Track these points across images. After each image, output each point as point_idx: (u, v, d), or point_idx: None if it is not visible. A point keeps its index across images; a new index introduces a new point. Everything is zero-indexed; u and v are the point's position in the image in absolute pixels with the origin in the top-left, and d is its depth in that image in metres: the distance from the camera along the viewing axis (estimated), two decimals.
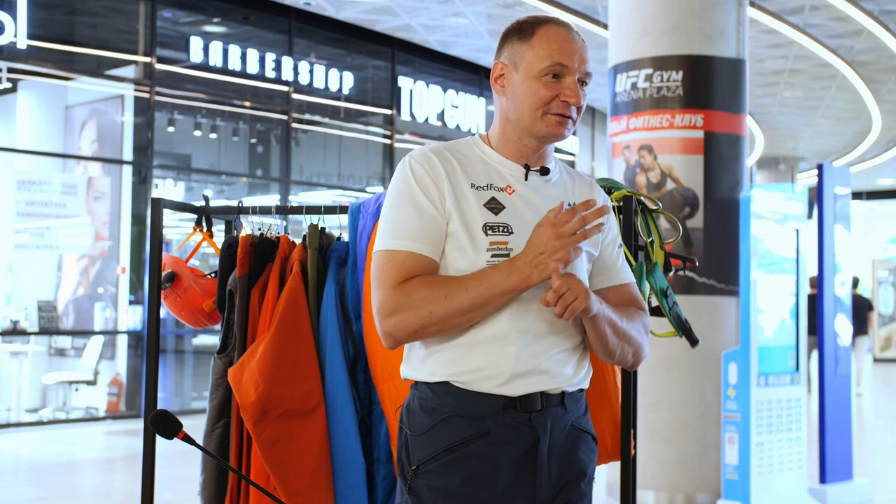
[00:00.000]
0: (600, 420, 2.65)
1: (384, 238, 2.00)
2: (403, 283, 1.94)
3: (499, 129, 2.08)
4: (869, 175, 22.53)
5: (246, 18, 11.51)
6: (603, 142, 16.29)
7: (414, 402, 2.03)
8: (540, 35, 2.02)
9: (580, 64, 2.01)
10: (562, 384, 2.01)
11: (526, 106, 2.01)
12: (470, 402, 1.96)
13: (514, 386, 1.95)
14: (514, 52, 2.04)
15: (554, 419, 2.00)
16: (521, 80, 2.01)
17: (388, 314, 1.95)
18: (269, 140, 12.09)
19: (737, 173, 6.14)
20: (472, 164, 2.05)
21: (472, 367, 1.96)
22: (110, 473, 7.81)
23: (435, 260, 1.98)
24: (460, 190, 2.00)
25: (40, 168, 10.43)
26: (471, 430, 1.95)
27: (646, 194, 2.82)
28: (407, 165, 2.02)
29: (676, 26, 6.07)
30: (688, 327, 2.70)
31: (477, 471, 1.95)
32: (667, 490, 5.99)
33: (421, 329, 1.94)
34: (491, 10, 10.85)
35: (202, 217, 3.10)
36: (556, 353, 2.00)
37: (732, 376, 5.85)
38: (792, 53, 11.92)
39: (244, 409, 2.62)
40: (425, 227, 1.97)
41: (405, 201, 1.99)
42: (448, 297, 1.91)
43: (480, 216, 1.98)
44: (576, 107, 2.01)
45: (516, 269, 1.90)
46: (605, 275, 2.13)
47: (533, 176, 2.06)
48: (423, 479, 1.97)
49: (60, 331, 10.49)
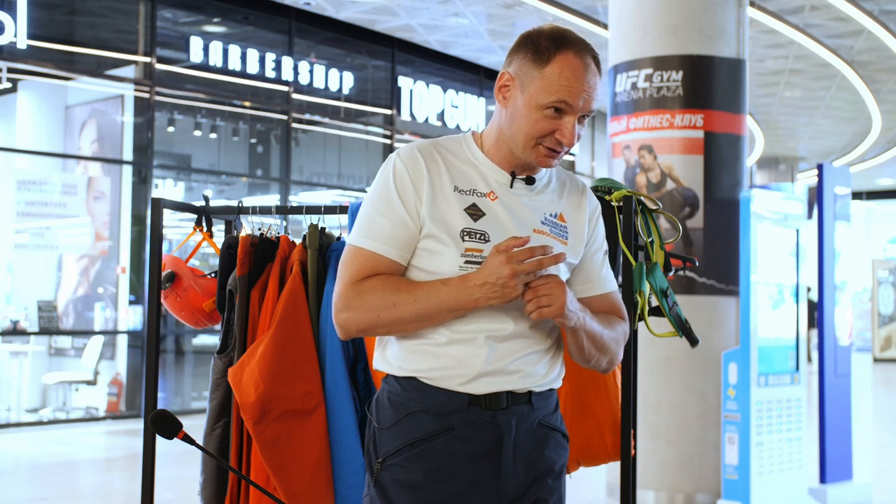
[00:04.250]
0: (600, 420, 2.65)
1: (355, 234, 2.04)
2: (361, 282, 1.98)
3: (494, 135, 2.07)
4: (869, 175, 22.53)
5: (246, 18, 11.50)
6: (603, 142, 16.28)
7: (383, 396, 2.06)
8: (555, 65, 1.96)
9: (585, 104, 1.98)
10: (531, 384, 2.02)
11: (521, 132, 2.00)
12: (435, 398, 1.99)
13: (480, 384, 1.98)
14: (524, 72, 2.00)
15: (519, 417, 2.01)
16: (524, 104, 1.99)
17: (340, 309, 2.00)
18: (269, 140, 12.10)
19: (737, 173, 6.14)
20: (459, 166, 2.05)
21: (440, 365, 1.99)
22: (110, 473, 7.81)
23: (400, 263, 2.00)
24: (442, 193, 2.00)
25: (40, 168, 10.43)
26: (435, 425, 1.98)
27: (646, 194, 2.82)
28: (391, 165, 2.03)
29: (676, 26, 6.07)
30: (688, 327, 2.70)
31: (440, 466, 1.98)
32: (667, 490, 5.99)
33: (369, 329, 1.99)
34: (491, 10, 10.84)
35: (202, 217, 3.10)
36: (526, 353, 2.02)
37: (732, 376, 5.85)
38: (792, 53, 11.92)
39: (244, 409, 2.62)
40: (395, 231, 1.99)
41: (381, 202, 2.01)
42: (396, 306, 1.95)
43: (460, 221, 1.99)
44: (569, 146, 2.01)
45: (465, 289, 1.92)
46: (589, 283, 2.13)
47: (518, 184, 2.06)
48: (389, 472, 2.00)
49: (60, 331, 10.49)
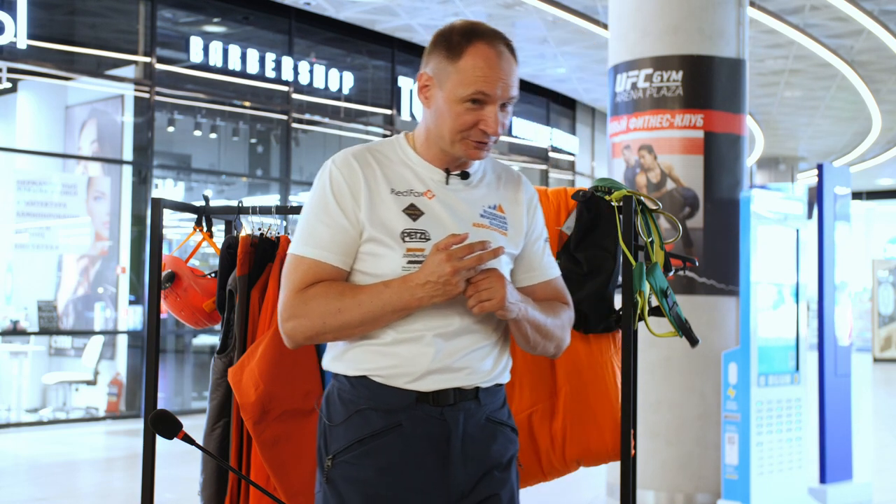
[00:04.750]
0: (600, 420, 2.65)
1: (296, 243, 2.06)
2: (304, 290, 2.01)
3: (423, 135, 2.11)
4: (869, 175, 22.54)
5: (246, 18, 11.50)
6: (603, 142, 16.29)
7: (333, 393, 2.09)
8: (467, 58, 2.01)
9: (504, 91, 2.01)
10: (478, 380, 2.05)
11: (446, 128, 2.03)
12: (384, 396, 2.01)
13: (428, 382, 2.01)
14: (440, 69, 2.04)
15: (467, 413, 2.04)
16: (444, 101, 2.03)
17: (286, 318, 2.03)
18: (269, 140, 12.10)
19: (737, 173, 6.14)
20: (394, 168, 2.08)
21: (389, 364, 2.01)
22: (110, 473, 7.81)
23: (343, 269, 2.03)
24: (379, 196, 2.03)
25: (40, 168, 10.43)
26: (384, 422, 2.01)
27: (646, 194, 2.82)
28: (327, 173, 2.06)
29: (676, 26, 6.07)
30: (688, 327, 2.70)
31: (390, 462, 2.00)
32: (667, 490, 5.99)
33: (316, 336, 2.02)
34: (491, 10, 10.85)
35: (202, 217, 3.09)
36: (473, 350, 2.04)
37: (732, 376, 5.85)
38: (792, 53, 11.92)
39: (244, 409, 2.62)
40: (335, 237, 2.02)
41: (320, 210, 2.04)
42: (341, 312, 1.97)
43: (399, 222, 2.02)
44: (494, 134, 2.04)
45: (408, 289, 1.95)
46: (532, 271, 2.17)
47: (454, 179, 2.10)
48: (339, 469, 2.03)
49: (60, 331, 10.49)
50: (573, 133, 16.41)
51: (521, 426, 2.64)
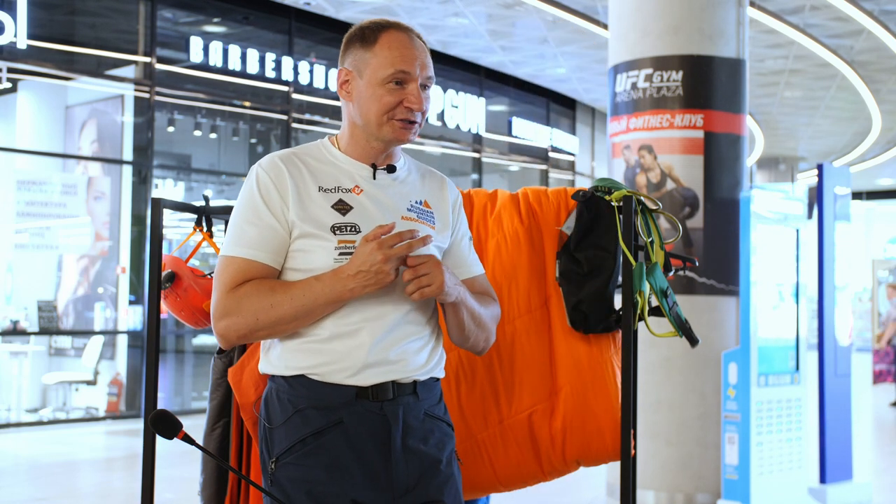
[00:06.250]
0: (600, 420, 2.65)
1: (226, 244, 2.09)
2: (236, 289, 2.03)
3: (347, 132, 2.16)
4: (869, 175, 22.54)
5: (246, 18, 11.50)
6: (603, 142, 16.29)
7: (272, 395, 2.10)
8: (382, 42, 2.10)
9: (422, 70, 2.10)
10: (413, 373, 2.08)
11: (371, 112, 2.09)
12: (323, 393, 2.03)
13: (365, 376, 2.03)
14: (357, 59, 2.12)
15: (406, 408, 2.06)
16: (366, 86, 2.09)
17: (219, 317, 2.04)
18: (269, 140, 12.09)
19: (737, 173, 6.14)
20: (321, 168, 2.12)
21: (326, 360, 2.03)
22: (110, 473, 7.82)
23: (273, 267, 2.06)
24: (307, 194, 2.07)
25: (40, 168, 10.43)
26: (324, 420, 2.03)
27: (646, 194, 2.82)
28: (254, 175, 2.11)
29: (676, 26, 6.07)
30: (688, 327, 2.69)
31: (333, 460, 2.02)
32: (667, 490, 5.99)
33: (250, 333, 2.04)
34: (491, 10, 10.84)
35: (202, 217, 3.09)
36: (408, 342, 2.07)
37: (732, 376, 5.85)
38: (792, 53, 11.92)
39: (244, 409, 2.62)
40: (263, 236, 2.05)
41: (248, 210, 2.08)
42: (273, 307, 2.00)
43: (329, 217, 2.05)
44: (419, 112, 2.09)
45: (339, 280, 1.98)
46: (459, 268, 2.22)
47: (381, 174, 2.14)
48: (284, 470, 2.04)
49: (60, 331, 10.49)
50: (573, 133, 16.41)
51: (521, 426, 2.64)
